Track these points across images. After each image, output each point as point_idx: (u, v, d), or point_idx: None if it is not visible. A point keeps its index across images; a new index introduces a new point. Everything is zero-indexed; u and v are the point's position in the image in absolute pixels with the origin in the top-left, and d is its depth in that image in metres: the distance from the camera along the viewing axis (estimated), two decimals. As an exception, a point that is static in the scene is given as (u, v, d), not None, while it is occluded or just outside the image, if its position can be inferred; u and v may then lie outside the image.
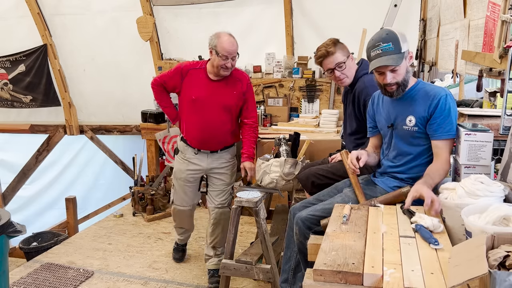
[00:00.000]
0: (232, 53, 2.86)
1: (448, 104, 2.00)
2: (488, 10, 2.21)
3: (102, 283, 3.34)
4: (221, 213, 3.20)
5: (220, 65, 2.88)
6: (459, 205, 1.58)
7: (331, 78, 2.67)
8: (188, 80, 3.03)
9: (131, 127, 5.94)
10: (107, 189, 6.98)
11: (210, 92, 2.99)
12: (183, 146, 3.18)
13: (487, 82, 3.34)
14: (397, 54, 1.97)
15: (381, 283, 1.30)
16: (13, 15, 5.67)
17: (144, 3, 5.28)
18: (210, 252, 3.29)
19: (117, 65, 5.67)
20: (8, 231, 2.45)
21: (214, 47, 2.87)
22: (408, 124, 2.08)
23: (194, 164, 3.15)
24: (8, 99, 6.13)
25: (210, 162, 3.15)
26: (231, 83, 3.03)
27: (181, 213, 3.35)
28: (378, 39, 2.00)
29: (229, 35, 2.90)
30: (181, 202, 3.28)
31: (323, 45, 2.60)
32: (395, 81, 2.02)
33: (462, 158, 1.92)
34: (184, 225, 3.49)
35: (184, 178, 3.19)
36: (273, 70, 5.27)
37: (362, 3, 4.80)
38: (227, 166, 3.19)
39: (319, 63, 2.64)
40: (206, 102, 2.99)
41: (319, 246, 1.55)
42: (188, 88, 3.03)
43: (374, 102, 2.32)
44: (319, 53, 2.59)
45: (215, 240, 3.25)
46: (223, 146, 3.14)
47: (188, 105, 3.05)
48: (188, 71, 3.03)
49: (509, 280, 1.02)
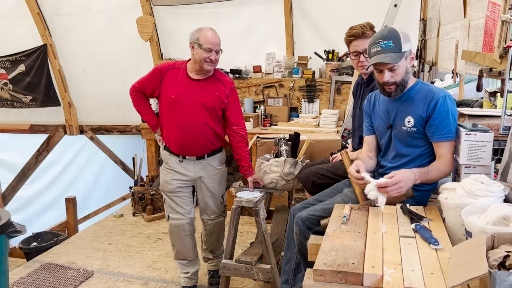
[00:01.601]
0: (215, 45, 2.73)
1: (446, 105, 1.98)
2: (488, 10, 2.20)
3: (102, 283, 3.34)
4: (214, 224, 3.07)
5: (203, 58, 2.71)
6: (459, 205, 1.58)
7: (352, 60, 2.58)
8: (167, 80, 2.84)
9: (131, 127, 5.94)
10: (107, 189, 6.98)
11: (190, 91, 2.81)
12: (166, 155, 2.97)
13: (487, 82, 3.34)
14: (397, 52, 1.96)
15: (381, 283, 1.30)
16: (13, 15, 5.67)
17: (144, 3, 5.29)
18: (208, 255, 3.24)
19: (117, 65, 5.67)
20: (8, 231, 2.45)
21: (196, 41, 2.73)
22: (407, 124, 2.07)
23: (179, 173, 2.93)
24: (8, 99, 6.13)
25: (198, 171, 2.93)
26: (213, 84, 2.86)
27: (179, 230, 2.99)
28: (379, 36, 2.00)
29: (211, 28, 2.79)
30: (175, 214, 2.98)
31: (359, 25, 2.49)
32: (393, 80, 2.01)
33: (462, 158, 1.92)
34: (185, 251, 3.05)
35: (173, 190, 2.94)
36: (273, 70, 5.27)
37: (362, 3, 4.80)
38: (216, 174, 2.99)
39: (348, 42, 2.54)
40: (186, 101, 2.80)
41: (319, 246, 1.55)
42: (167, 89, 2.84)
43: (370, 102, 2.30)
44: (353, 31, 2.49)
45: (211, 247, 3.18)
46: (209, 150, 2.93)
47: (167, 106, 2.85)
48: (166, 71, 2.85)
49: (509, 280, 1.02)
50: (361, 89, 2.66)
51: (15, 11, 5.62)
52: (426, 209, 1.87)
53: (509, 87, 1.90)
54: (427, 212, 1.82)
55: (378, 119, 2.22)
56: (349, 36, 2.52)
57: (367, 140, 2.31)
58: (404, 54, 1.98)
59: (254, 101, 5.28)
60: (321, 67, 5.18)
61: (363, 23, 2.50)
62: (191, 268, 3.12)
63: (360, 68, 2.56)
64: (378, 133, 2.25)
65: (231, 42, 4.53)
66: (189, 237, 3.04)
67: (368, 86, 2.56)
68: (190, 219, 3.02)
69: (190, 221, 3.03)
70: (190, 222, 3.03)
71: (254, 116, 4.98)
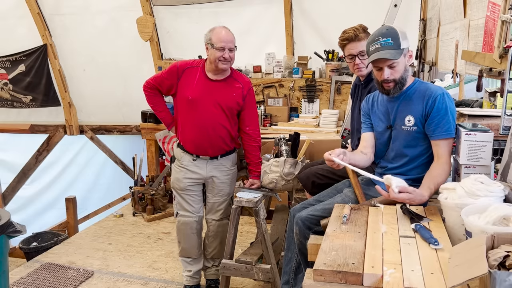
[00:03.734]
0: (228, 43, 2.70)
1: (445, 103, 1.99)
2: (488, 10, 2.20)
3: (102, 283, 3.34)
4: (219, 225, 3.03)
5: (217, 58, 2.70)
6: (459, 205, 1.58)
7: (348, 64, 2.59)
8: (185, 79, 2.83)
9: (131, 127, 5.94)
10: (107, 189, 6.98)
11: (208, 91, 2.80)
12: (179, 153, 2.96)
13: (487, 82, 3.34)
14: (396, 49, 1.97)
15: (381, 283, 1.30)
16: (13, 15, 5.67)
17: (144, 3, 5.29)
18: (208, 262, 3.16)
19: (117, 65, 5.67)
20: (8, 231, 2.45)
21: (209, 41, 2.73)
22: (407, 124, 2.07)
23: (192, 172, 2.94)
24: (8, 99, 6.13)
25: (210, 170, 2.94)
26: (231, 85, 2.86)
27: (186, 227, 3.02)
28: (378, 34, 2.01)
29: (224, 27, 2.77)
30: (184, 211, 3.01)
31: (352, 28, 2.50)
32: (393, 77, 2.02)
33: (462, 158, 1.92)
34: (190, 249, 3.07)
35: (184, 188, 2.96)
36: (273, 70, 5.27)
37: (362, 3, 4.80)
38: (228, 175, 3.00)
39: (342, 46, 2.55)
40: (203, 102, 2.80)
41: (319, 246, 1.55)
42: (184, 88, 2.83)
43: (368, 103, 2.30)
44: (346, 35, 2.50)
45: (213, 252, 3.10)
46: (223, 151, 2.94)
47: (184, 105, 2.84)
48: (184, 70, 2.84)
49: (509, 280, 1.02)
50: (359, 91, 2.66)
51: (15, 11, 5.62)
52: (426, 209, 1.87)
53: (509, 87, 1.90)
54: (427, 212, 1.82)
55: (377, 120, 2.22)
56: (342, 40, 2.53)
57: (364, 137, 2.30)
58: (403, 51, 1.99)
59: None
60: (321, 67, 5.18)
61: (356, 26, 2.51)
62: (194, 267, 3.12)
63: (356, 70, 2.57)
64: (377, 134, 2.25)
65: (231, 42, 4.53)
66: (195, 235, 3.05)
67: (366, 88, 2.57)
68: (199, 218, 3.05)
69: (199, 219, 3.05)
70: (198, 221, 3.05)
71: (254, 116, 4.97)
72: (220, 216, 3.05)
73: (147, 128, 5.13)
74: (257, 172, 2.99)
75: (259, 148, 3.04)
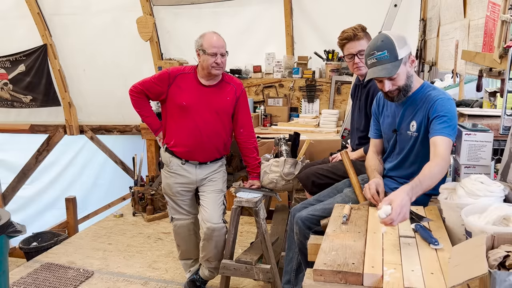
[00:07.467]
0: (220, 48, 2.69)
1: (445, 105, 1.92)
2: (488, 10, 2.21)
3: (102, 283, 3.34)
4: (213, 230, 2.82)
5: (210, 64, 2.68)
6: (459, 205, 1.58)
7: (348, 63, 2.58)
8: (177, 85, 2.80)
9: (131, 127, 5.94)
10: (107, 189, 6.97)
11: (203, 97, 2.79)
12: (167, 157, 2.91)
13: (487, 82, 3.34)
14: (393, 62, 1.90)
15: (381, 283, 1.30)
16: (13, 15, 5.67)
17: (144, 3, 5.29)
18: (203, 263, 3.04)
19: (117, 65, 5.67)
20: (8, 231, 2.45)
21: (200, 47, 2.71)
22: (411, 129, 2.04)
23: (182, 176, 2.91)
24: (8, 99, 6.13)
25: (199, 173, 2.91)
26: (224, 88, 2.85)
27: (184, 230, 3.02)
28: (373, 47, 1.94)
29: (214, 32, 2.76)
30: (179, 215, 3.00)
31: (351, 28, 2.49)
32: (395, 87, 1.97)
33: (462, 158, 1.92)
34: (190, 250, 3.09)
35: (176, 192, 2.94)
36: (273, 70, 5.27)
37: (362, 3, 4.80)
38: (218, 172, 2.98)
39: (341, 45, 2.54)
40: (198, 108, 2.78)
41: (319, 246, 1.55)
42: (176, 94, 2.79)
43: (379, 103, 2.26)
44: (345, 35, 2.49)
45: (207, 255, 2.93)
46: (213, 158, 2.93)
47: (176, 112, 2.81)
48: (176, 76, 2.80)
49: (509, 280, 1.02)
50: (359, 91, 2.65)
51: (15, 11, 5.62)
52: (426, 209, 1.87)
53: (509, 87, 1.90)
54: (427, 212, 1.82)
55: (385, 122, 2.20)
56: (341, 40, 2.53)
57: (374, 143, 2.30)
58: (402, 60, 1.91)
59: (254, 101, 5.29)
60: (321, 67, 5.18)
61: (354, 26, 2.51)
62: (195, 267, 3.13)
63: (355, 70, 2.56)
64: (385, 136, 2.22)
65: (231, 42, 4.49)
66: (193, 236, 3.07)
67: (365, 87, 2.56)
68: (195, 218, 3.05)
69: (195, 220, 3.05)
70: (195, 221, 3.06)
71: (254, 116, 4.97)
72: (214, 220, 2.86)
73: (147, 128, 5.09)
74: (257, 173, 2.99)
75: (255, 149, 3.03)
